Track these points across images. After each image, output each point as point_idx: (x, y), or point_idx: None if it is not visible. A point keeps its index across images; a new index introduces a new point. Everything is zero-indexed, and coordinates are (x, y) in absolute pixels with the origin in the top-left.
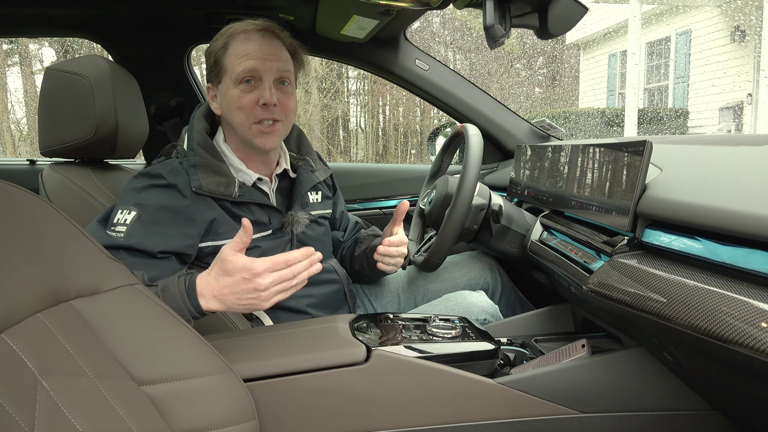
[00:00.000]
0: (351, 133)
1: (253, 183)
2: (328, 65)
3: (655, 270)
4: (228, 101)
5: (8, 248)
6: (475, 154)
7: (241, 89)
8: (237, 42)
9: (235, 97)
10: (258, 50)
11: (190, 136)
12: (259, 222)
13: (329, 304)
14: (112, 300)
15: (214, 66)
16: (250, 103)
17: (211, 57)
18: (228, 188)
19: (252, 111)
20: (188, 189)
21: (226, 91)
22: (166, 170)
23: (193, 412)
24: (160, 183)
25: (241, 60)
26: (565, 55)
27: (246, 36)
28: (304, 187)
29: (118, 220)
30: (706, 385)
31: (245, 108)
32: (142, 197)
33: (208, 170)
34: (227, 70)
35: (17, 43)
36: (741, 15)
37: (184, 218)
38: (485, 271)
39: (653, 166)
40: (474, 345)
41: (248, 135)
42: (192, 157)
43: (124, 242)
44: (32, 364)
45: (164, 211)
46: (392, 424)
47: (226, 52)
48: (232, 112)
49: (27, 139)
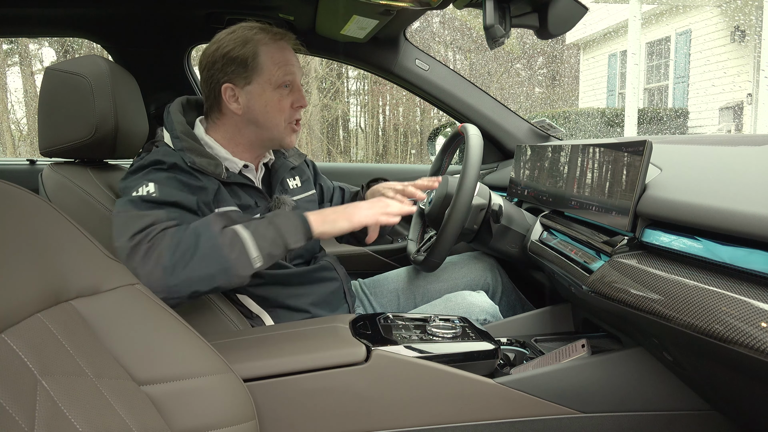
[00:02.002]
0: (351, 133)
1: (240, 170)
2: (328, 65)
3: (655, 270)
4: (265, 103)
5: (8, 248)
6: (475, 154)
7: (281, 93)
8: (273, 51)
9: (275, 100)
10: (293, 60)
11: (172, 128)
12: (246, 205)
13: (328, 303)
14: (112, 300)
15: (241, 68)
16: (288, 106)
17: (234, 59)
18: (216, 168)
19: (288, 112)
20: (186, 165)
21: (261, 93)
22: (160, 155)
23: (193, 412)
24: (160, 167)
25: (283, 67)
26: (565, 55)
27: (280, 46)
28: (280, 173)
29: (142, 195)
30: (706, 385)
31: (285, 110)
32: (150, 177)
33: (196, 153)
34: (263, 73)
35: (17, 43)
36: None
37: (196, 188)
38: (486, 271)
39: (653, 166)
40: (474, 345)
41: (282, 134)
42: (179, 143)
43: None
44: (32, 364)
45: (177, 182)
46: (392, 424)
47: (258, 57)
48: (269, 113)
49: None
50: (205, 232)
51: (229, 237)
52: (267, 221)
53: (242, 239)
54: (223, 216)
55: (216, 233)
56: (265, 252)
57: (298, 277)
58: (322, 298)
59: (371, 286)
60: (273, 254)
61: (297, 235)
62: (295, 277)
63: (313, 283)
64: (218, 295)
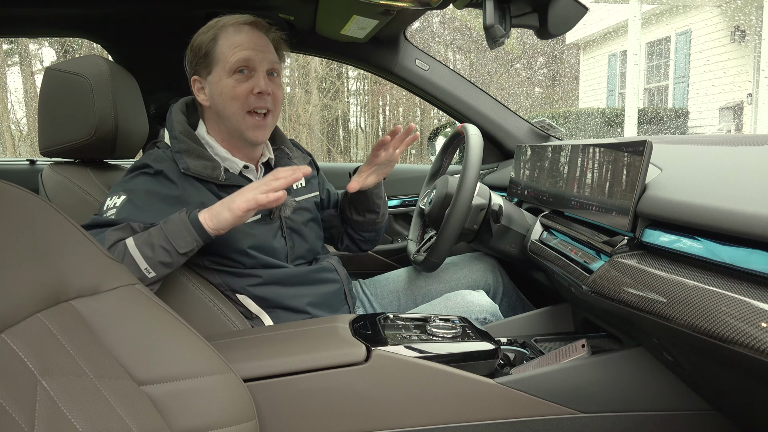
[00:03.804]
0: (351, 133)
1: (240, 171)
2: (328, 65)
3: (655, 270)
4: (221, 91)
5: (8, 248)
6: (475, 154)
7: (236, 79)
8: (228, 34)
9: (230, 86)
10: (251, 41)
11: (171, 128)
12: None
13: (329, 304)
14: (112, 300)
15: (204, 58)
16: (244, 93)
17: (200, 49)
18: (214, 171)
19: (246, 100)
20: (175, 173)
21: (218, 81)
22: (151, 159)
23: (193, 412)
24: (147, 171)
25: (235, 50)
26: (565, 55)
27: (237, 28)
28: None
29: (108, 205)
30: (706, 385)
31: (240, 97)
32: (131, 185)
33: (193, 155)
34: (219, 61)
35: (17, 43)
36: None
37: (174, 200)
38: (487, 272)
39: (653, 166)
40: (474, 345)
41: (241, 126)
42: (176, 145)
43: (115, 218)
44: (32, 364)
45: (154, 195)
46: (392, 424)
47: (216, 44)
48: (225, 102)
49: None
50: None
51: (118, 252)
52: (159, 228)
53: (130, 253)
54: (123, 229)
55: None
56: (154, 262)
57: (298, 277)
58: (322, 299)
59: (371, 286)
60: (165, 262)
61: (186, 239)
62: (295, 277)
63: (313, 283)
64: (218, 295)
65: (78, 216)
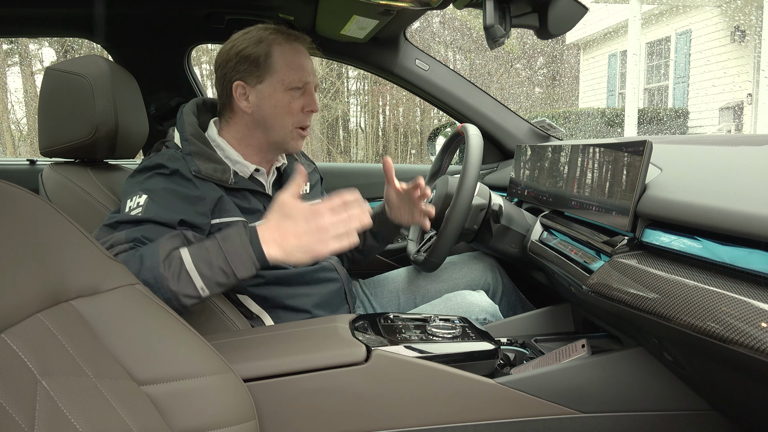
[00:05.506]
0: (351, 133)
1: (251, 174)
2: (328, 65)
3: (655, 270)
4: (275, 103)
5: (8, 248)
6: (475, 154)
7: (291, 95)
8: (286, 51)
9: (285, 102)
10: (307, 64)
11: (182, 129)
12: (255, 210)
13: (329, 304)
14: (112, 300)
15: (255, 67)
16: (298, 109)
17: (248, 57)
18: (224, 174)
19: (298, 116)
20: (189, 173)
21: (272, 93)
22: (165, 159)
23: (193, 412)
24: (162, 171)
25: (296, 70)
26: (565, 55)
27: (295, 49)
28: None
29: (130, 206)
30: (706, 385)
31: (294, 113)
32: (148, 184)
33: (203, 158)
34: (275, 73)
35: (17, 43)
36: (741, 15)
37: (194, 198)
38: (486, 271)
39: (653, 166)
40: (474, 345)
41: (287, 137)
42: (187, 147)
43: (144, 216)
44: (32, 364)
45: (172, 194)
46: (392, 424)
47: (271, 57)
48: (278, 114)
49: (27, 139)
50: (148, 258)
51: (174, 266)
52: (217, 246)
53: (187, 270)
54: (176, 237)
55: (158, 261)
56: (211, 282)
57: (299, 277)
58: (322, 298)
59: (371, 286)
60: (221, 283)
61: (246, 264)
62: (296, 277)
63: (313, 283)
64: (218, 295)
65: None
